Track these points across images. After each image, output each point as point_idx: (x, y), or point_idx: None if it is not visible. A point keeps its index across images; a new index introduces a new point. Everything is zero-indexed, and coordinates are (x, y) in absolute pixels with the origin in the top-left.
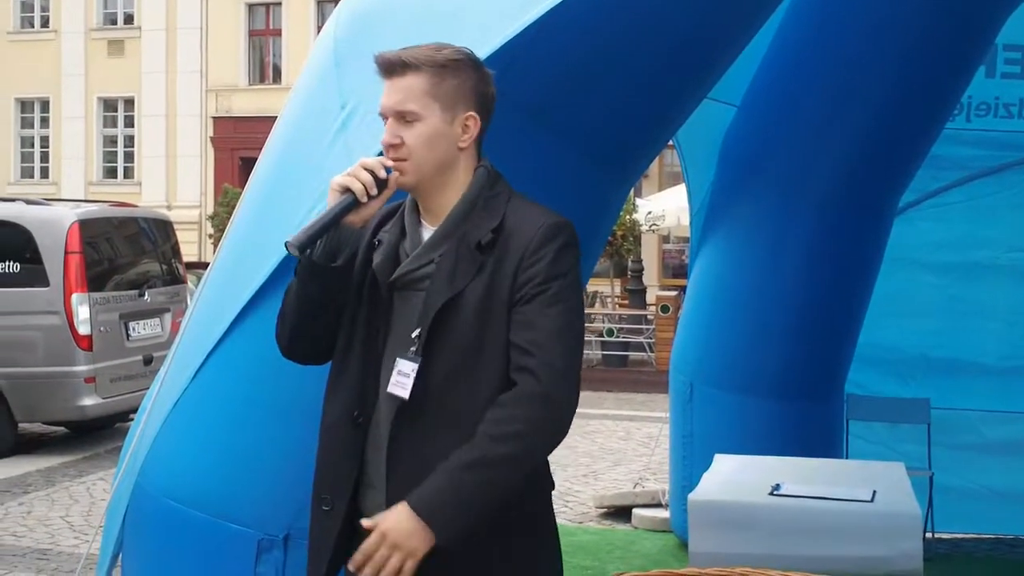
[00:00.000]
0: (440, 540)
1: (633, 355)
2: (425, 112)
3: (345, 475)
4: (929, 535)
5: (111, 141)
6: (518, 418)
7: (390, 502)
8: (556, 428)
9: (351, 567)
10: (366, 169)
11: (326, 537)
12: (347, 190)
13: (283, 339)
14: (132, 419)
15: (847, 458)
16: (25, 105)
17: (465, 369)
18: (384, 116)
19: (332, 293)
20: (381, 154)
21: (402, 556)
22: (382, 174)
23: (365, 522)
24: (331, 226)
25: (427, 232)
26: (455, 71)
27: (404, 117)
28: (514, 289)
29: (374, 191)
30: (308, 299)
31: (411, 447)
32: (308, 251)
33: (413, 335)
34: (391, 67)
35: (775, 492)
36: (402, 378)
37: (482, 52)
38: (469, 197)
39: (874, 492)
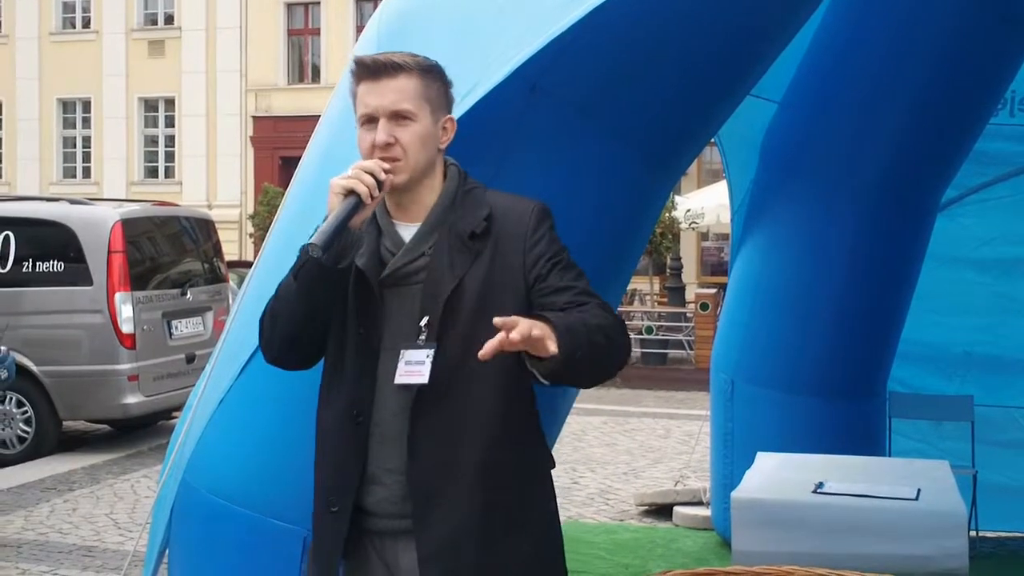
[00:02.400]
0: (559, 351)
1: (672, 353)
2: (419, 112)
3: (350, 474)
4: (973, 533)
5: (152, 141)
6: (607, 313)
7: (414, 488)
8: (626, 347)
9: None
10: (366, 171)
11: (336, 539)
12: (350, 192)
13: (273, 347)
14: (175, 417)
15: (890, 456)
16: (67, 105)
17: (472, 349)
18: (369, 117)
19: (334, 295)
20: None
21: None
22: (382, 176)
23: (497, 320)
24: (344, 227)
25: (404, 229)
26: (436, 76)
27: (399, 117)
28: (525, 270)
29: (376, 193)
30: (312, 303)
31: (432, 432)
32: (311, 256)
33: (421, 323)
34: (381, 69)
35: (818, 490)
36: (414, 367)
37: (528, 49)
38: (449, 192)
39: (918, 490)
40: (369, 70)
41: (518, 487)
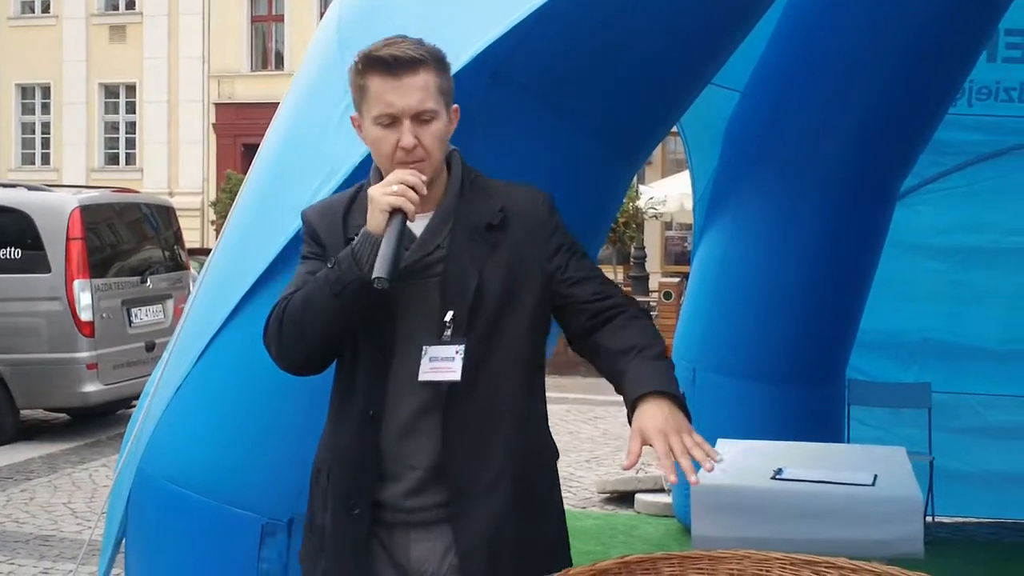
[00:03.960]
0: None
1: None
2: (440, 109)
3: (368, 474)
4: (930, 519)
5: (113, 127)
6: (650, 326)
7: (450, 482)
8: None
9: (671, 478)
10: (408, 185)
11: (357, 541)
12: (396, 210)
13: (295, 357)
14: (134, 405)
15: (848, 442)
16: (26, 91)
17: (498, 342)
18: (391, 117)
19: (369, 310)
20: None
21: (687, 432)
22: (424, 191)
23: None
24: (401, 248)
25: (414, 222)
26: (446, 65)
27: (422, 116)
28: (544, 260)
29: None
30: (349, 317)
31: (464, 426)
32: (354, 271)
33: (446, 319)
34: (401, 65)
35: (777, 476)
36: (440, 363)
37: (489, 36)
38: (456, 181)
39: (875, 476)
40: (387, 66)
41: (539, 474)
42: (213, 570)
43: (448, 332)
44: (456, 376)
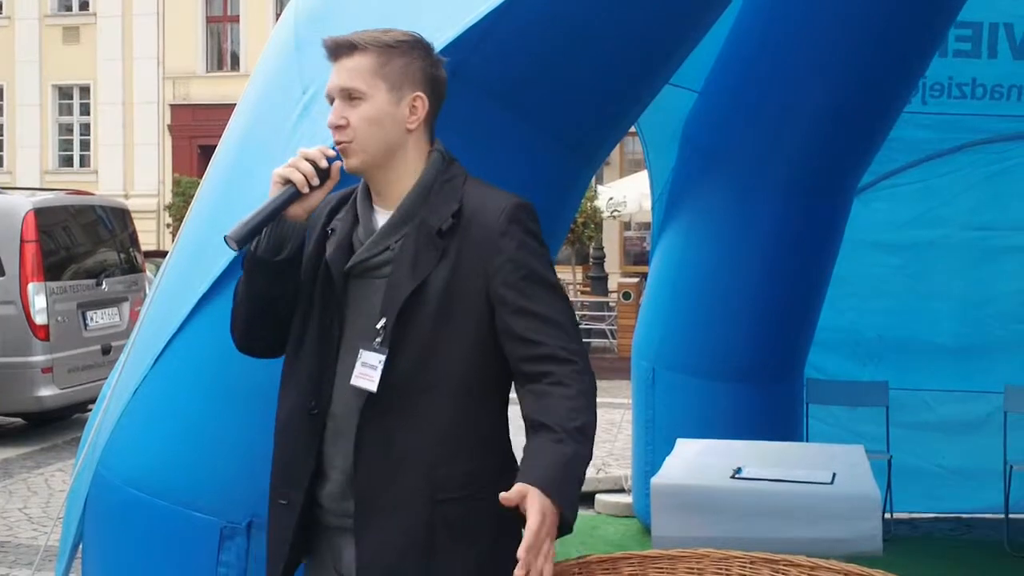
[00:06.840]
0: (568, 516)
1: (595, 342)
2: (371, 91)
3: (301, 468)
4: (888, 516)
5: (67, 129)
6: (575, 395)
7: (357, 492)
8: (594, 393)
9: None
10: (307, 159)
11: (284, 531)
12: (288, 181)
13: (237, 334)
14: (90, 409)
15: (807, 441)
16: None
17: (431, 357)
18: (330, 98)
19: (280, 286)
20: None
21: (551, 538)
22: (323, 164)
23: (505, 496)
24: (271, 219)
25: (381, 217)
26: (402, 52)
27: (350, 96)
28: (488, 275)
29: (315, 181)
30: (257, 293)
31: (378, 437)
32: (251, 245)
33: (378, 326)
34: (338, 49)
35: (737, 475)
36: (367, 370)
37: (447, 36)
38: (424, 181)
39: (834, 474)
40: (330, 51)
41: (467, 499)
42: (172, 574)
43: (378, 340)
44: (372, 387)
